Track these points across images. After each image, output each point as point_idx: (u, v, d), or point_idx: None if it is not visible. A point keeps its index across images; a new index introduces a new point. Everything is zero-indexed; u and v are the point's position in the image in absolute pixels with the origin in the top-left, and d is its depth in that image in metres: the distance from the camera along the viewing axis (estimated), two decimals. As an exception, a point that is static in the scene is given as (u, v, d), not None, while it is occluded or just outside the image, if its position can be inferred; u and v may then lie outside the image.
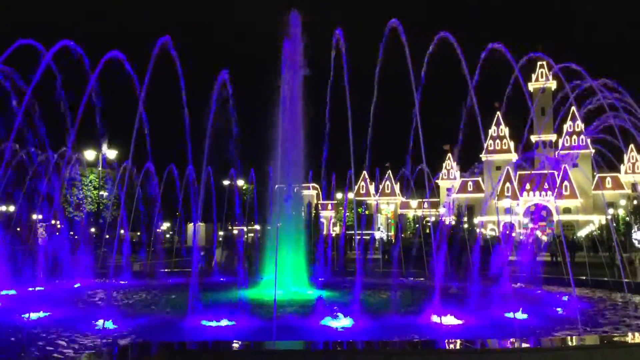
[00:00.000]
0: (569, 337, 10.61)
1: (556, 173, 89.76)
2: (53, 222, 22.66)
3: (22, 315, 11.92)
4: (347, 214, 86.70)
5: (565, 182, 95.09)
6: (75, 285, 19.76)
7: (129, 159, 15.27)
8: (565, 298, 16.57)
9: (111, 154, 39.34)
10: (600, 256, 27.43)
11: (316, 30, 18.66)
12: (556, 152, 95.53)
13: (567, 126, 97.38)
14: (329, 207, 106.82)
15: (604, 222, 74.93)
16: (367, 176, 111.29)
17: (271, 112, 17.87)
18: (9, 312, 12.98)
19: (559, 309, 14.55)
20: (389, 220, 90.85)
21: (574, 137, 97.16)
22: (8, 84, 15.20)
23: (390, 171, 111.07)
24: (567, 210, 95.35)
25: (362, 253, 33.89)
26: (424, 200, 70.19)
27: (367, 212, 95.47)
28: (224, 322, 11.38)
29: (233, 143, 18.76)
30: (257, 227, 42.32)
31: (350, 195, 63.30)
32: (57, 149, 20.46)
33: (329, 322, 11.45)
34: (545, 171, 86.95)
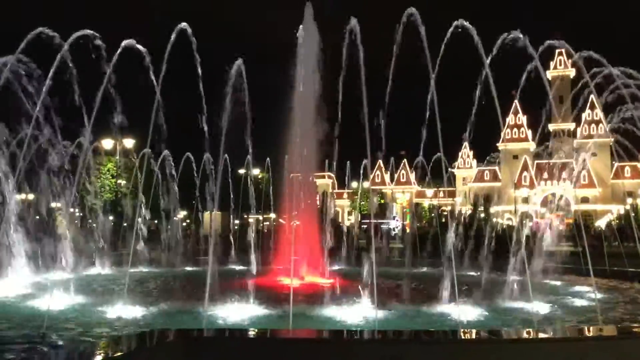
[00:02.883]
0: (586, 328, 10.53)
1: (574, 162, 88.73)
2: (72, 210, 22.93)
3: (42, 302, 12.10)
4: (362, 202, 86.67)
5: (584, 171, 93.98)
6: (94, 273, 20.03)
7: (147, 147, 15.41)
8: (585, 288, 16.43)
9: (129, 142, 39.67)
10: (619, 246, 27.10)
11: (331, 23, 18.61)
12: (574, 141, 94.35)
13: (586, 114, 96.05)
14: (344, 196, 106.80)
15: (622, 211, 74.04)
16: (382, 165, 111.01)
17: (286, 101, 17.87)
18: (29, 299, 13.19)
19: (578, 299, 14.46)
20: (405, 209, 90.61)
21: (593, 125, 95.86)
22: (26, 73, 15.35)
23: (405, 160, 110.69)
24: (585, 200, 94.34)
25: (378, 242, 33.85)
26: (439, 189, 69.91)
27: (381, 201, 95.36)
28: (241, 310, 11.46)
29: (249, 132, 18.83)
30: (273, 215, 42.47)
31: (366, 184, 63.17)
32: (75, 138, 20.68)
33: (343, 310, 11.48)
34: (564, 160, 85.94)
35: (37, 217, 22.80)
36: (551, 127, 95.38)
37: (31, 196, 24.12)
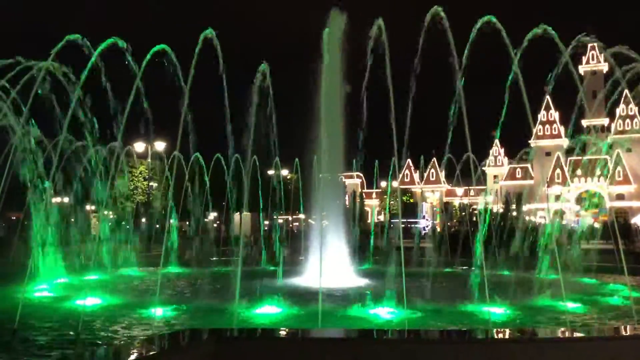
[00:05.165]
0: (622, 327, 10.32)
1: (609, 158, 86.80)
2: (105, 212, 23.40)
3: (77, 303, 12.38)
4: (392, 202, 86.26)
5: (618, 168, 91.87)
6: (126, 274, 20.38)
7: (177, 150, 15.63)
8: (619, 287, 16.10)
9: (160, 145, 40.29)
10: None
11: (357, 21, 18.58)
12: (608, 137, 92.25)
13: (620, 109, 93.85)
14: (373, 195, 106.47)
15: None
16: (411, 164, 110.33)
17: (313, 102, 17.90)
18: (65, 299, 13.50)
19: (613, 298, 14.18)
20: (435, 209, 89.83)
21: (627, 120, 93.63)
22: (60, 79, 15.69)
23: (435, 159, 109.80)
24: (620, 197, 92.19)
25: (409, 241, 33.67)
26: (470, 187, 69.09)
27: (411, 200, 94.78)
28: (271, 310, 11.55)
29: (277, 133, 18.95)
30: (302, 216, 42.61)
31: (395, 184, 62.85)
32: (108, 141, 21.07)
33: (372, 310, 11.47)
34: (598, 156, 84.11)
35: (73, 219, 23.30)
36: (584, 122, 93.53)
37: (66, 199, 24.67)
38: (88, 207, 26.20)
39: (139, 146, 40.14)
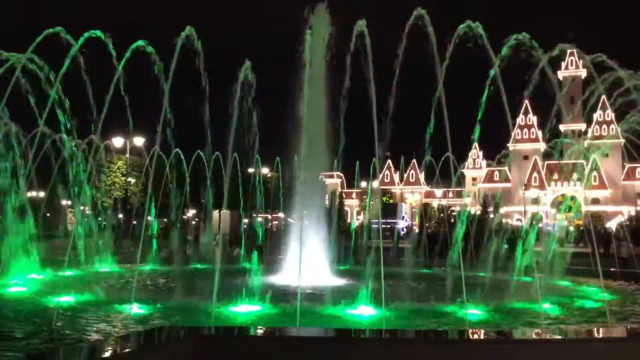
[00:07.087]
0: (595, 329, 10.47)
1: (585, 163, 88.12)
2: (82, 208, 23.07)
3: (51, 300, 12.19)
4: (371, 202, 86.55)
5: (594, 172, 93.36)
6: (103, 270, 20.13)
7: (157, 145, 15.49)
8: (593, 289, 16.35)
9: (139, 141, 39.87)
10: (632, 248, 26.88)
11: (340, 20, 18.59)
12: (585, 141, 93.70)
13: (597, 115, 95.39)
14: (353, 195, 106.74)
15: (633, 213, 73.53)
16: (391, 165, 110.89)
17: (294, 101, 17.88)
18: (38, 296, 13.28)
19: (586, 301, 14.38)
20: (414, 210, 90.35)
21: (604, 126, 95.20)
22: (37, 71, 15.45)
23: (415, 160, 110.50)
24: (595, 201, 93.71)
25: (388, 242, 33.81)
26: (449, 189, 69.63)
27: (390, 201, 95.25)
28: (249, 308, 11.50)
29: (258, 131, 18.88)
30: (282, 214, 42.53)
31: (375, 184, 63.05)
32: (86, 136, 20.80)
33: (350, 309, 11.49)
34: (574, 161, 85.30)
35: (48, 214, 22.94)
36: (562, 127, 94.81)
37: (42, 193, 24.30)
38: (64, 202, 25.78)
39: (118, 141, 39.66)
